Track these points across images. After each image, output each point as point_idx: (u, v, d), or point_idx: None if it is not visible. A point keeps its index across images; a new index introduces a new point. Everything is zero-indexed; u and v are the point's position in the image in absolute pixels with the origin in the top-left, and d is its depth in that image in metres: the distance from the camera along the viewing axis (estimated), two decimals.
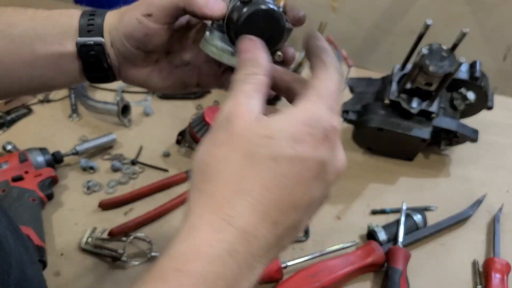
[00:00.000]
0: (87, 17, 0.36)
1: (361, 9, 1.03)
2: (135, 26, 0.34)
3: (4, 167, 0.61)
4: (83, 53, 0.35)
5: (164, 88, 0.39)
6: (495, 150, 0.71)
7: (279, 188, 0.24)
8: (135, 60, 0.37)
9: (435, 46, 0.57)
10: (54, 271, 0.54)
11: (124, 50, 0.36)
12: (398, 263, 0.52)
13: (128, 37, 0.35)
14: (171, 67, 0.38)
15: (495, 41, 0.96)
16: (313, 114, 0.25)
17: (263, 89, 0.27)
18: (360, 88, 0.67)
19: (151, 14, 0.33)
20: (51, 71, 0.36)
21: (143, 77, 0.38)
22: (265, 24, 0.30)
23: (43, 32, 0.36)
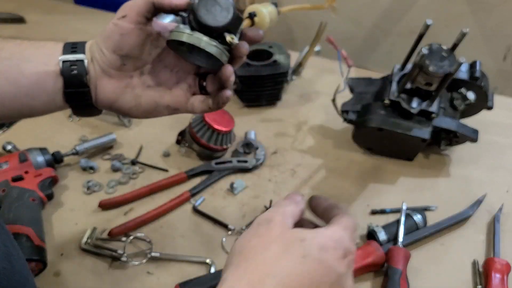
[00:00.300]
0: (71, 43, 0.41)
1: (361, 9, 1.03)
2: (112, 29, 0.39)
3: (4, 167, 0.61)
4: (65, 69, 0.39)
5: (135, 106, 0.42)
6: (495, 150, 0.71)
7: (301, 280, 0.29)
8: (112, 69, 0.40)
9: (435, 46, 0.57)
10: (54, 271, 0.54)
11: (102, 58, 0.40)
12: (398, 263, 0.52)
13: (105, 41, 0.39)
14: (144, 86, 0.42)
15: (495, 41, 0.96)
16: (340, 236, 0.32)
17: (296, 217, 0.35)
18: (360, 88, 0.67)
19: (125, 16, 0.38)
20: (35, 89, 0.39)
21: (117, 92, 0.41)
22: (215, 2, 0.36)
23: (30, 54, 0.39)
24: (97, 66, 0.40)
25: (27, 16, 1.07)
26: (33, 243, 0.53)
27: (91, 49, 0.40)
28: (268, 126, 0.76)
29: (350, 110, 0.65)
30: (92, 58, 0.40)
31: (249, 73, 0.75)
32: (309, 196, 0.39)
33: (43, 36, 1.01)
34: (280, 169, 0.68)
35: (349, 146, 0.70)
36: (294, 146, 0.72)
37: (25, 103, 0.39)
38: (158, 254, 0.56)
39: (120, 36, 0.38)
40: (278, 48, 0.79)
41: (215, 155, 0.69)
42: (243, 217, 0.61)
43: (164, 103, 0.42)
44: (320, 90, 0.83)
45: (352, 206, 0.62)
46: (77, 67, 0.39)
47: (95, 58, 0.40)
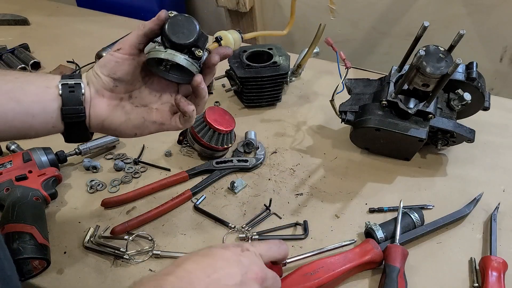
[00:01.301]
0: (69, 74, 0.47)
1: (359, 11, 1.04)
2: (109, 58, 0.46)
3: (8, 166, 0.62)
4: (64, 91, 0.44)
5: (125, 122, 0.47)
6: (492, 150, 0.71)
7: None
8: (105, 90, 0.46)
9: (432, 48, 0.57)
10: (58, 269, 0.55)
11: (97, 80, 0.46)
12: (396, 261, 0.52)
13: (101, 68, 0.46)
14: (133, 106, 0.48)
15: (492, 42, 0.96)
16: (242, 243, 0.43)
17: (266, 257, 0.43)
18: (358, 89, 0.68)
19: (120, 49, 0.46)
20: (35, 108, 0.44)
21: (109, 109, 0.47)
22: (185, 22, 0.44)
23: (32, 78, 0.45)
24: (92, 88, 0.46)
25: (31, 18, 1.08)
26: (36, 242, 0.53)
27: (88, 75, 0.47)
28: (268, 126, 0.77)
29: (348, 111, 0.66)
30: (88, 82, 0.47)
31: (249, 74, 0.76)
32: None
33: (46, 37, 1.03)
34: (280, 169, 0.69)
35: (347, 146, 0.71)
36: (293, 146, 0.73)
37: (25, 120, 0.44)
38: (160, 252, 0.56)
39: (115, 63, 0.46)
40: (277, 50, 0.80)
41: (216, 154, 0.70)
42: (243, 216, 0.62)
43: (151, 119, 0.48)
44: (319, 91, 0.84)
45: (350, 205, 0.63)
46: (75, 88, 0.45)
47: (91, 81, 0.46)
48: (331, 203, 0.63)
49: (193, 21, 0.44)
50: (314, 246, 0.58)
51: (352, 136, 0.68)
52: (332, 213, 0.62)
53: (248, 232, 0.59)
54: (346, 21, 1.08)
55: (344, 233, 0.59)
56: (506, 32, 0.94)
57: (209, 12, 1.23)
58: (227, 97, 0.83)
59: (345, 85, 0.68)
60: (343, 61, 0.62)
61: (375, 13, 1.04)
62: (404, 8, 1.00)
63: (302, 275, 0.51)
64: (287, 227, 0.60)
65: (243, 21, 1.14)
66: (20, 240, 0.53)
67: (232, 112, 0.72)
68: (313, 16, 1.09)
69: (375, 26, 1.06)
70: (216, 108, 0.70)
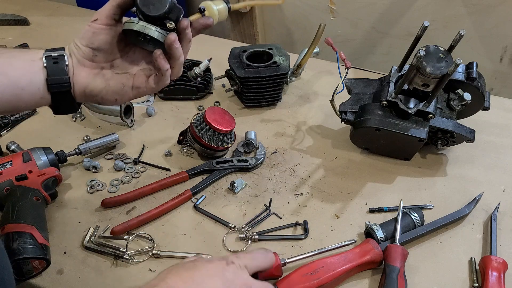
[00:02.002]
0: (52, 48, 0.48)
1: (359, 11, 1.04)
2: (86, 29, 0.48)
3: (8, 166, 0.62)
4: (48, 62, 0.47)
5: (105, 88, 0.49)
6: (492, 150, 0.71)
7: None
8: (85, 60, 0.48)
9: (432, 48, 0.57)
10: (58, 269, 0.55)
11: (77, 51, 0.48)
12: (396, 261, 0.52)
13: (81, 39, 0.48)
14: (113, 73, 0.50)
15: (492, 42, 0.96)
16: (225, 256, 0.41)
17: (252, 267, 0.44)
18: (358, 89, 0.68)
19: (96, 19, 0.47)
20: (22, 80, 0.46)
21: (90, 77, 0.49)
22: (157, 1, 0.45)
23: (17, 53, 0.47)
24: (74, 58, 0.48)
25: (31, 18, 1.08)
26: (36, 242, 0.53)
27: (69, 47, 0.49)
28: (268, 126, 0.77)
29: (348, 111, 0.66)
30: (70, 53, 0.49)
31: (249, 74, 0.76)
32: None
33: (46, 37, 1.03)
34: (280, 168, 0.69)
35: (347, 146, 0.71)
36: (293, 146, 0.73)
37: (15, 93, 0.46)
38: (160, 252, 0.56)
39: (92, 34, 0.48)
40: (277, 50, 0.80)
41: (216, 154, 0.70)
42: (243, 216, 0.62)
43: (130, 84, 0.50)
44: (319, 91, 0.84)
45: (350, 205, 0.63)
46: (58, 60, 0.47)
47: (72, 52, 0.49)
48: (331, 203, 0.63)
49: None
50: (314, 246, 0.58)
51: (352, 136, 0.68)
52: (332, 213, 0.62)
53: (248, 232, 0.59)
54: (346, 21, 1.08)
55: (344, 233, 0.59)
56: (506, 32, 0.94)
57: None
58: (227, 97, 0.83)
59: (345, 85, 0.68)
60: (343, 61, 0.63)
61: (375, 13, 1.04)
62: (404, 8, 1.00)
63: (302, 275, 0.51)
64: (287, 227, 0.60)
65: (243, 21, 1.14)
66: (20, 240, 0.53)
67: (232, 112, 0.72)
68: (313, 16, 1.09)
69: (375, 26, 1.06)
70: (216, 108, 0.70)
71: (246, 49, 0.81)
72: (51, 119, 0.77)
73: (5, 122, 0.76)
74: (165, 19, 0.46)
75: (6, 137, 0.75)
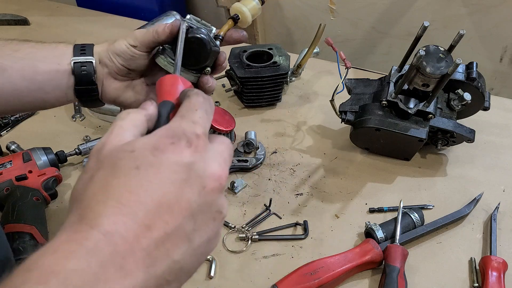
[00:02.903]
0: (80, 45, 0.47)
1: (359, 11, 1.04)
2: (124, 49, 0.45)
3: (8, 166, 0.62)
4: (76, 69, 0.45)
5: (135, 102, 0.48)
6: (492, 150, 0.71)
7: (145, 190, 0.24)
8: (118, 75, 0.47)
9: (432, 48, 0.57)
10: None
11: (111, 65, 0.46)
12: (396, 261, 0.52)
13: (117, 56, 0.46)
14: (143, 85, 0.48)
15: (492, 42, 0.96)
16: (174, 128, 0.27)
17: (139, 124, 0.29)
18: (358, 89, 0.68)
19: (136, 46, 0.45)
20: (48, 86, 0.44)
21: (120, 91, 0.48)
22: (197, 46, 0.44)
23: (44, 54, 0.45)
24: (105, 69, 0.46)
25: (31, 18, 1.08)
26: (36, 242, 0.54)
27: (100, 54, 0.46)
28: (268, 126, 0.77)
29: (348, 111, 0.66)
30: (100, 61, 0.46)
31: (249, 74, 0.76)
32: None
33: (46, 37, 1.02)
34: (280, 169, 0.69)
35: (347, 146, 0.71)
36: (293, 146, 0.73)
37: (39, 97, 0.45)
38: None
39: (130, 57, 0.46)
40: (277, 49, 0.80)
41: None
42: (243, 216, 0.62)
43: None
44: (319, 91, 0.84)
45: (350, 205, 0.63)
46: (87, 67, 0.45)
47: (104, 63, 0.46)
48: (331, 203, 0.63)
49: (205, 45, 0.44)
50: (314, 246, 0.58)
51: (352, 136, 0.68)
52: (332, 213, 0.62)
53: (248, 232, 0.59)
54: (346, 21, 1.08)
55: (344, 233, 0.59)
56: (506, 32, 0.94)
57: (209, 12, 1.23)
58: (227, 97, 0.83)
59: (345, 85, 0.68)
60: (343, 61, 0.62)
61: (375, 13, 1.04)
62: (404, 8, 1.00)
63: (302, 275, 0.51)
64: (287, 227, 0.60)
65: None
66: (20, 240, 0.53)
67: (232, 112, 0.72)
68: (313, 16, 1.09)
69: (375, 26, 1.06)
70: (216, 108, 0.70)
71: (246, 49, 0.81)
72: (51, 119, 0.77)
73: (5, 122, 0.76)
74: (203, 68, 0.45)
75: (6, 137, 0.75)
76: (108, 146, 0.26)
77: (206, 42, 0.43)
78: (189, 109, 0.28)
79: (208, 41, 0.44)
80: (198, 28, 0.44)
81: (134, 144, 0.26)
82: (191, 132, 0.26)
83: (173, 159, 0.25)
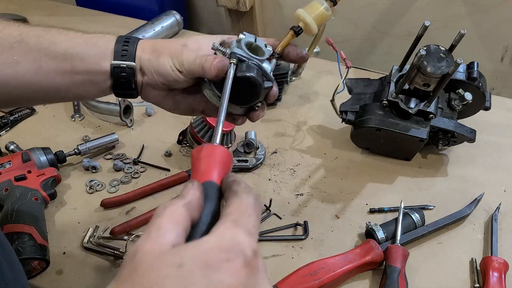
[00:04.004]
0: (122, 43, 0.44)
1: (360, 11, 1.04)
2: (168, 71, 0.43)
3: (7, 166, 0.62)
4: (115, 73, 0.43)
5: (174, 110, 0.48)
6: (493, 150, 0.71)
7: None
8: (157, 89, 0.45)
9: (433, 47, 0.57)
10: (57, 269, 0.55)
11: (152, 80, 0.44)
12: (397, 261, 0.52)
13: (160, 75, 0.44)
14: (184, 95, 0.47)
15: (493, 42, 0.96)
16: (230, 239, 0.23)
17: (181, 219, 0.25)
18: (358, 89, 0.68)
19: (182, 71, 0.43)
20: (86, 85, 0.44)
21: (159, 98, 0.47)
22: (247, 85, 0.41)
23: (83, 52, 0.43)
24: (145, 77, 0.44)
25: (30, 18, 1.08)
26: (35, 242, 0.53)
27: (142, 61, 0.44)
28: (268, 126, 0.77)
29: (349, 111, 0.66)
30: (141, 69, 0.44)
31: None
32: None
33: None
34: (280, 169, 0.69)
35: (348, 146, 0.71)
36: (293, 146, 0.73)
37: (77, 93, 0.44)
38: None
39: (173, 79, 0.44)
40: None
41: None
42: None
43: (200, 109, 0.48)
44: (319, 91, 0.84)
45: (350, 205, 0.63)
46: (126, 73, 0.43)
47: (144, 72, 0.44)
48: (331, 204, 0.63)
49: (255, 85, 0.40)
50: (314, 247, 0.57)
51: (352, 136, 0.68)
52: (332, 214, 0.62)
53: None
54: (346, 21, 1.07)
55: (344, 233, 0.59)
56: (506, 31, 0.94)
57: (209, 12, 1.23)
58: None
59: (346, 85, 0.68)
60: (343, 60, 0.62)
61: (376, 13, 1.04)
62: (405, 8, 1.00)
63: (303, 276, 0.51)
64: (287, 227, 0.60)
65: (243, 20, 1.13)
66: (19, 241, 0.53)
67: None
68: None
69: (376, 26, 1.06)
70: None
71: None
72: (51, 119, 0.77)
73: (4, 122, 0.76)
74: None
75: (5, 137, 0.74)
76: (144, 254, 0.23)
77: (257, 82, 0.40)
78: (242, 213, 0.25)
79: (259, 82, 0.40)
80: (248, 65, 0.40)
81: (181, 254, 0.22)
82: (249, 248, 0.23)
83: (227, 282, 0.22)
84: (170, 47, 0.44)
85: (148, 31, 0.95)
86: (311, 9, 0.42)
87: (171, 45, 0.44)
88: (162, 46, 0.44)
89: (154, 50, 0.44)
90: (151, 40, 0.46)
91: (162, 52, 0.43)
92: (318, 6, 0.41)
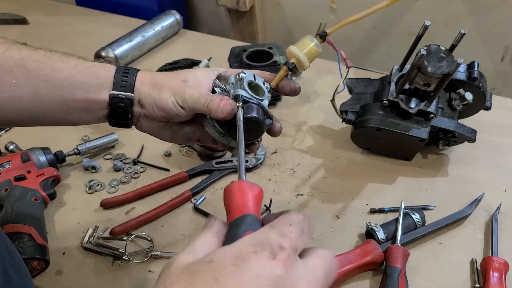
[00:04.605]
0: (121, 74, 0.45)
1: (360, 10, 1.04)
2: (171, 107, 0.44)
3: (7, 166, 0.62)
4: (113, 103, 0.44)
5: (170, 139, 0.49)
6: (493, 150, 0.71)
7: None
8: (155, 121, 0.46)
9: (433, 47, 0.57)
10: (56, 269, 0.55)
11: (152, 113, 0.45)
12: (397, 261, 0.52)
13: (161, 110, 0.44)
14: (180, 126, 0.48)
15: (493, 42, 0.96)
16: (260, 235, 0.26)
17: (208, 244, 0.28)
18: (358, 89, 0.68)
19: (184, 108, 0.44)
20: (82, 112, 0.44)
21: (156, 129, 0.47)
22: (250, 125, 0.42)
23: (83, 81, 0.43)
24: (144, 110, 0.45)
25: (30, 17, 1.08)
26: (35, 242, 0.53)
27: (141, 94, 0.44)
28: None
29: (349, 111, 0.66)
30: (140, 101, 0.45)
31: None
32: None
33: (45, 36, 1.02)
34: (280, 169, 0.69)
35: (348, 146, 0.71)
36: (293, 146, 0.73)
37: (72, 120, 0.45)
38: (159, 253, 0.56)
39: (175, 114, 0.44)
40: (278, 49, 0.80)
41: (216, 154, 0.69)
42: None
43: (195, 137, 0.49)
44: (320, 90, 0.84)
45: (351, 205, 0.63)
46: (124, 104, 0.44)
47: (143, 105, 0.45)
48: (331, 204, 0.63)
49: (259, 126, 0.43)
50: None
51: (353, 136, 0.68)
52: (332, 214, 0.62)
53: None
54: None
55: (345, 233, 0.59)
56: (507, 31, 0.94)
57: (208, 11, 1.23)
58: None
59: (346, 84, 0.68)
60: (344, 60, 0.62)
61: (376, 13, 1.03)
62: (405, 8, 1.00)
63: None
64: None
65: (243, 20, 1.13)
66: (19, 241, 0.52)
67: None
68: (314, 15, 1.09)
69: (376, 26, 1.06)
70: None
71: (246, 48, 0.80)
72: None
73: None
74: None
75: (4, 137, 0.74)
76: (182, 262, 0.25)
77: (261, 123, 0.43)
78: (282, 222, 0.27)
79: (263, 122, 0.43)
80: (251, 106, 0.42)
81: (213, 254, 0.25)
82: (276, 243, 0.25)
83: (256, 270, 0.23)
84: (170, 82, 0.44)
85: (148, 30, 0.95)
86: (302, 46, 0.44)
87: (171, 80, 0.44)
88: (162, 81, 0.45)
89: (154, 84, 0.44)
90: (150, 73, 0.46)
91: (163, 87, 0.44)
92: (309, 42, 0.44)
